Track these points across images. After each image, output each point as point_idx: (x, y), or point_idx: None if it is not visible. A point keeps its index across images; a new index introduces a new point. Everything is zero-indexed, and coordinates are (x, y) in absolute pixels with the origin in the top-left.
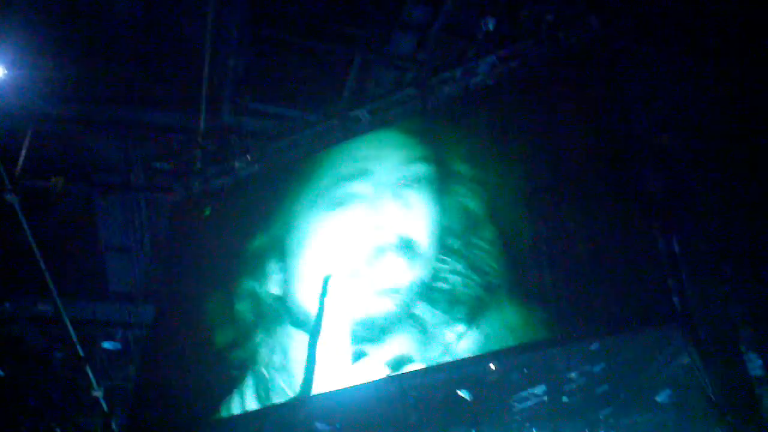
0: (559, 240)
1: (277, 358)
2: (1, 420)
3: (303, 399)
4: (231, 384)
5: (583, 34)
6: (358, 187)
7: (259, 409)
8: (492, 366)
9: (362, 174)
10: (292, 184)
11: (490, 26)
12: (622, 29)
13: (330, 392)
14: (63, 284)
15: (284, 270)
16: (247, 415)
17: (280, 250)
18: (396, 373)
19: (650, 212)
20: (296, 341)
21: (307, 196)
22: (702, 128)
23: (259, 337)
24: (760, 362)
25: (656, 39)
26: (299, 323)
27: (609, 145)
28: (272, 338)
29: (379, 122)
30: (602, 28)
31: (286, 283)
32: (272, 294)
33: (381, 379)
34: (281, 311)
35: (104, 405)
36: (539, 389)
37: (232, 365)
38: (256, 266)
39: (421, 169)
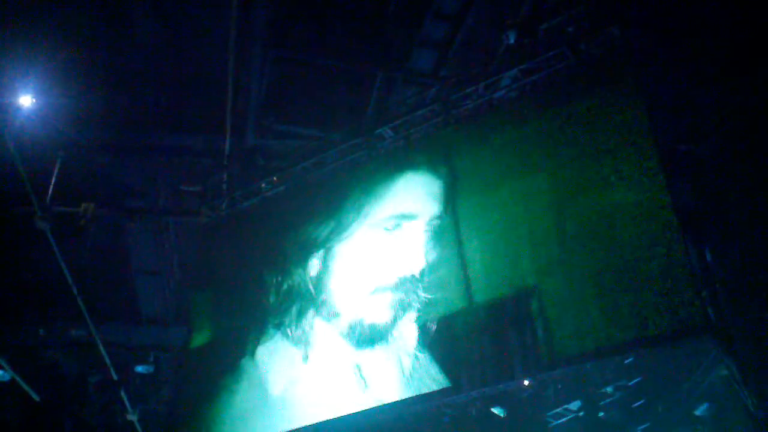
0: (589, 252)
1: (300, 381)
2: None
3: (334, 421)
4: (263, 404)
5: (605, 44)
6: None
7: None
8: (525, 382)
9: (379, 198)
10: (317, 203)
11: (511, 40)
12: (645, 39)
13: (364, 411)
14: (96, 309)
15: (310, 289)
16: None
17: (306, 270)
18: (430, 390)
19: (683, 223)
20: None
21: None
22: (733, 136)
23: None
24: None
25: (680, 47)
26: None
27: (638, 154)
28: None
29: (402, 139)
30: (624, 38)
31: (311, 302)
32: (297, 313)
33: (415, 397)
34: (303, 333)
35: (139, 428)
36: (574, 405)
37: (263, 385)
38: (284, 285)
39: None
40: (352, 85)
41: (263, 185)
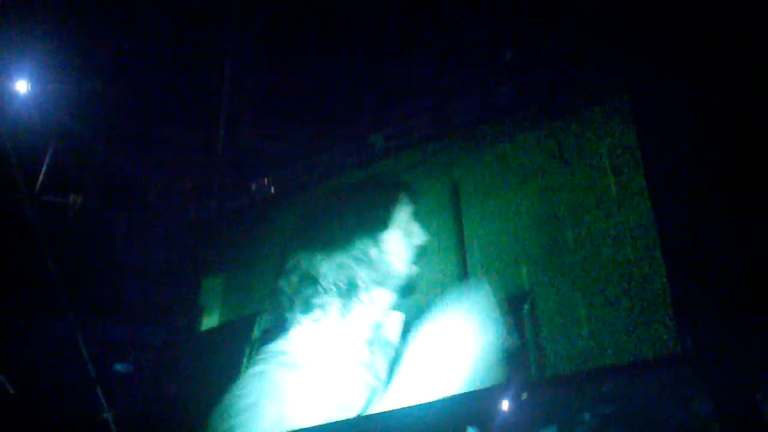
0: (569, 273)
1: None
2: None
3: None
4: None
5: (601, 66)
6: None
7: None
8: (502, 403)
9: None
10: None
11: (508, 56)
12: (641, 67)
13: (328, 424)
14: (78, 303)
15: (300, 294)
16: None
17: (294, 273)
18: (402, 406)
19: (666, 251)
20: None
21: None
22: (724, 170)
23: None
24: None
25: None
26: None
27: (626, 176)
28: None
29: (393, 148)
30: (621, 63)
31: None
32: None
33: (383, 413)
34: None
35: (113, 428)
36: (550, 429)
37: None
38: (270, 287)
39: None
40: (350, 91)
41: (253, 186)
